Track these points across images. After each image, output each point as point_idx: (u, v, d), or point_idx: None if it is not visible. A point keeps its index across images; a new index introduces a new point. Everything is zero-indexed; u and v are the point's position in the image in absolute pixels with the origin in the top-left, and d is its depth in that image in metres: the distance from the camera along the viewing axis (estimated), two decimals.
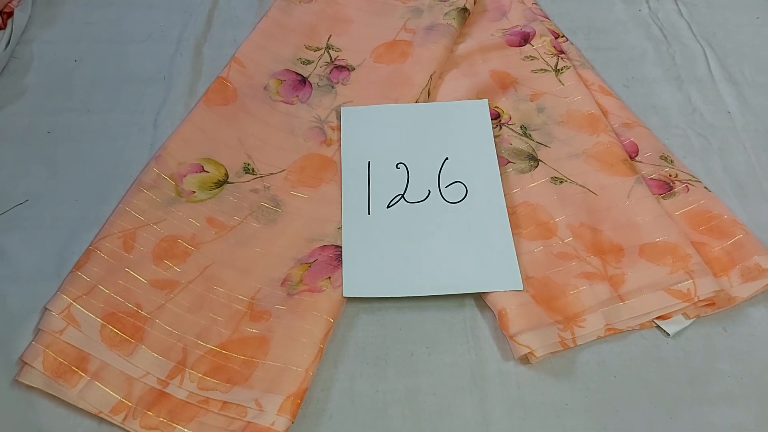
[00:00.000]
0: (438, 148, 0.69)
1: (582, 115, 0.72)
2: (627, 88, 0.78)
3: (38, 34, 0.80)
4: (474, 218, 0.64)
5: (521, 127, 0.72)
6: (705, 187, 0.67)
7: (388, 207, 0.65)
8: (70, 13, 0.83)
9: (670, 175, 0.68)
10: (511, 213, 0.64)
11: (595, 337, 0.58)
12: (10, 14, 0.79)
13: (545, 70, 0.77)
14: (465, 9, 0.82)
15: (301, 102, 0.75)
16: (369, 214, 0.64)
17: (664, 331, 0.59)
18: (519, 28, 0.82)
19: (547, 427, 0.53)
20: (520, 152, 0.70)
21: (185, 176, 0.66)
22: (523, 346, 0.55)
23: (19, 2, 0.81)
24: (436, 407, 0.54)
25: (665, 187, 0.67)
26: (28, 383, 0.53)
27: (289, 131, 0.72)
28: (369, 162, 0.68)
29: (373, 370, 0.56)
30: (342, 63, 0.79)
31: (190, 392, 0.53)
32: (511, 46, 0.80)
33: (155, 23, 0.82)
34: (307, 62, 0.79)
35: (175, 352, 0.55)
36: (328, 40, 0.81)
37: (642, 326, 0.59)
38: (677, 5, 0.88)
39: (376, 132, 0.71)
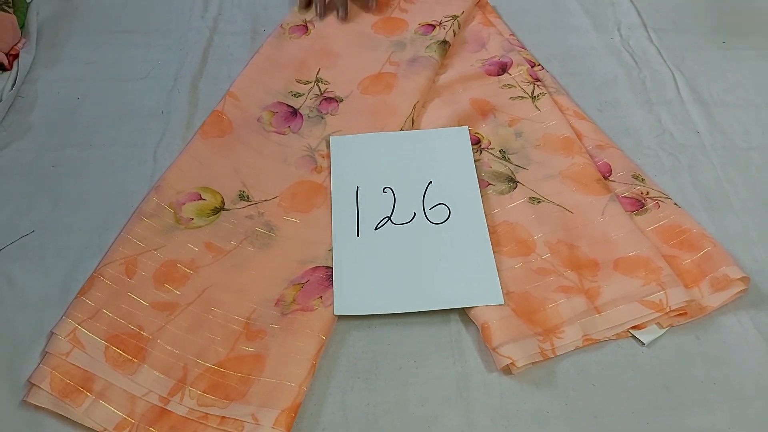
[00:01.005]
0: (422, 172, 0.73)
1: (558, 138, 0.76)
2: (600, 112, 0.81)
3: (42, 73, 0.83)
4: (457, 238, 0.67)
5: (500, 151, 0.76)
6: (675, 204, 0.70)
7: (375, 229, 0.68)
8: (72, 54, 0.86)
9: (641, 193, 0.71)
10: (492, 232, 0.68)
11: (573, 348, 0.60)
12: (16, 56, 0.83)
13: (522, 97, 0.81)
14: (445, 42, 0.87)
15: (293, 132, 0.78)
16: (358, 236, 0.68)
17: (639, 340, 0.61)
18: (497, 58, 0.86)
19: None
20: (499, 175, 0.74)
21: (183, 204, 0.69)
22: (505, 357, 0.58)
23: (24, 44, 0.85)
24: (425, 417, 0.56)
25: (637, 205, 0.70)
26: (36, 404, 0.55)
27: (282, 160, 0.75)
28: (357, 187, 0.72)
29: (363, 384, 0.58)
30: (331, 95, 0.83)
31: (190, 408, 0.56)
32: (489, 75, 0.84)
33: (153, 61, 0.85)
34: (298, 95, 0.83)
35: (176, 370, 0.58)
36: (317, 74, 0.85)
37: (618, 336, 0.61)
38: (647, 32, 0.92)
39: (363, 159, 0.74)
